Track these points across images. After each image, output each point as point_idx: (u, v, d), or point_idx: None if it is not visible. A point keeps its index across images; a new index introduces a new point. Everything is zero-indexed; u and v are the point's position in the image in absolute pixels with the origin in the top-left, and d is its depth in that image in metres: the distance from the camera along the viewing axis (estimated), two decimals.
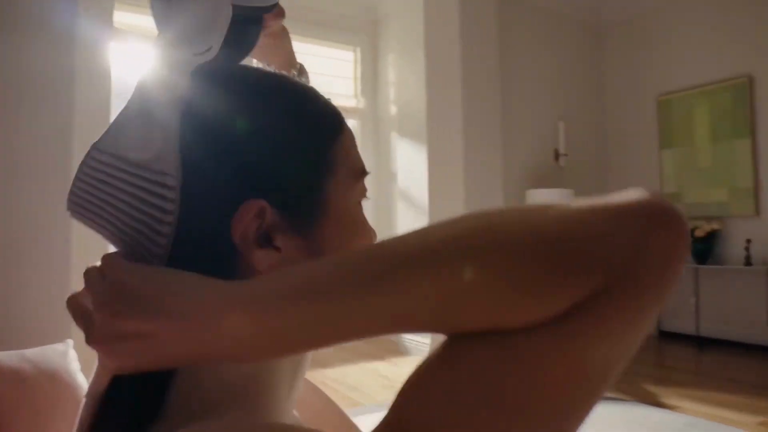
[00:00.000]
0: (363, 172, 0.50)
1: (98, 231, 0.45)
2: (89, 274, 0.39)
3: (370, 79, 5.56)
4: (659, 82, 4.96)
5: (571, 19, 5.25)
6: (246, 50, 0.53)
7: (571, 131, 5.02)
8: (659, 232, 0.29)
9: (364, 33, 5.54)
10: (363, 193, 0.50)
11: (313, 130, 0.47)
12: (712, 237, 4.43)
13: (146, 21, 3.44)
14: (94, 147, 0.44)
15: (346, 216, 0.48)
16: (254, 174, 0.44)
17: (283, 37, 0.70)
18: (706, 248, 4.46)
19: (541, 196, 4.27)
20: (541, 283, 0.29)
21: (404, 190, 4.40)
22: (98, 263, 0.40)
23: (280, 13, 0.62)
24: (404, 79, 4.52)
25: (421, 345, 4.17)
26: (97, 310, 0.36)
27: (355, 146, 0.50)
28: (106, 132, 0.44)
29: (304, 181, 0.45)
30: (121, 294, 0.36)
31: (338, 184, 0.47)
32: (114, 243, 0.45)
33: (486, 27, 4.32)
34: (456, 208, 4.12)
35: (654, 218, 0.30)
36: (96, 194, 0.43)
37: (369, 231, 0.51)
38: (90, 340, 0.37)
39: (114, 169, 0.42)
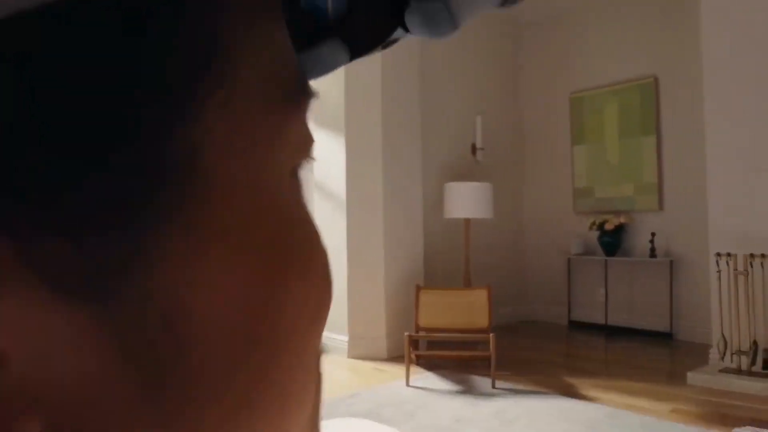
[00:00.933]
0: (305, 92, 0.21)
1: None
2: None
3: None
4: (572, 80, 5.10)
5: (490, 17, 5.29)
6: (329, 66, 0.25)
7: (488, 126, 5.05)
8: None
9: None
10: (306, 149, 0.21)
11: None
12: (620, 230, 4.61)
13: None
14: None
15: (261, 214, 0.17)
16: None
17: None
18: (614, 241, 4.63)
19: (459, 190, 4.25)
20: None
21: (321, 182, 4.26)
22: None
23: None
24: None
25: (339, 342, 4.05)
26: None
27: (285, 33, 0.20)
28: None
29: (114, 115, 0.13)
30: None
31: (230, 122, 0.16)
32: None
33: None
34: (374, 201, 4.04)
35: None
36: None
37: (319, 251, 0.20)
38: None
39: None
